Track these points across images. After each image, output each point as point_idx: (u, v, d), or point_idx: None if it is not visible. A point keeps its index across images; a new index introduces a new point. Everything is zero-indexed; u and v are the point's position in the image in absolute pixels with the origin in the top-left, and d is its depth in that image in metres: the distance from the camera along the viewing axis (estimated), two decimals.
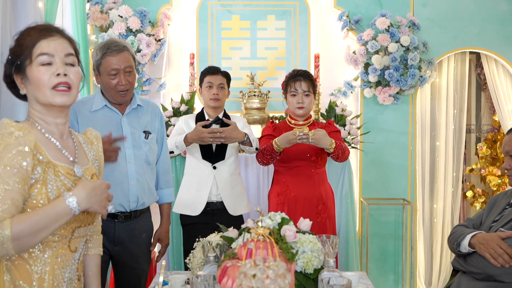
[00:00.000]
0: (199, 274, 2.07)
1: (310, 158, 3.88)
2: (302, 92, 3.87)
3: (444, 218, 5.63)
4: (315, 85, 3.96)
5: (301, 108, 3.89)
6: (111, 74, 3.10)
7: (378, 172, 5.39)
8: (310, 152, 3.87)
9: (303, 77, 3.89)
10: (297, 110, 3.91)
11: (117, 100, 3.17)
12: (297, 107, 3.89)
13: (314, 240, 2.36)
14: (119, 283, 3.35)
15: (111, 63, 3.09)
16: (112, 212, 3.14)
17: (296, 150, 3.84)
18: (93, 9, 5.09)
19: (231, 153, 4.01)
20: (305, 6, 5.44)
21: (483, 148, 6.09)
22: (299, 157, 3.88)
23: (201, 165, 3.97)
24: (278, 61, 5.48)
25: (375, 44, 5.12)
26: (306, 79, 3.88)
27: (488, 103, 6.36)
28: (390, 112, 5.41)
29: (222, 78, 4.06)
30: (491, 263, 2.71)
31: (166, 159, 3.49)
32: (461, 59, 5.68)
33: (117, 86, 3.10)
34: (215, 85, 4.01)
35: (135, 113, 3.26)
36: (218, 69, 4.11)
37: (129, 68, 3.13)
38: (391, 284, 5.44)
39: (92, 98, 3.24)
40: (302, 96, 3.87)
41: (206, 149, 3.96)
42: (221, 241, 2.49)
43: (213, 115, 4.06)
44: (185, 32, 5.48)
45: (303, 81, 3.87)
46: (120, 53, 3.10)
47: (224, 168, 3.97)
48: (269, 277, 1.52)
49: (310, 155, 3.87)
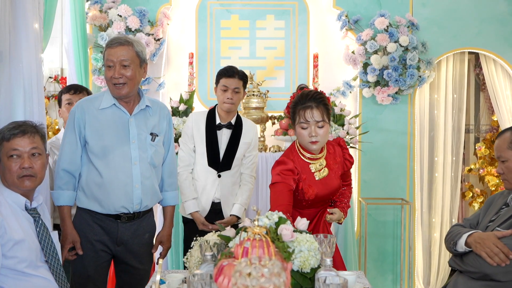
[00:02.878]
0: (196, 273, 2.07)
1: (331, 199, 3.27)
2: (315, 123, 3.00)
3: (443, 218, 5.64)
4: (330, 109, 3.09)
5: (315, 142, 3.02)
6: (108, 65, 3.09)
7: (376, 172, 5.40)
8: (335, 191, 3.19)
9: (315, 102, 3.01)
10: (310, 145, 3.04)
11: (113, 93, 3.14)
12: (310, 141, 3.02)
13: (311, 239, 2.37)
14: (121, 283, 3.36)
15: (109, 55, 3.09)
16: (115, 213, 3.15)
17: (322, 195, 3.12)
18: (93, 8, 5.10)
19: (236, 163, 3.97)
20: (304, 5, 5.45)
21: (482, 148, 6.09)
22: (322, 200, 3.17)
23: (206, 172, 3.93)
24: (277, 61, 5.48)
25: (374, 44, 5.12)
26: (319, 106, 3.01)
27: (487, 103, 6.35)
28: (388, 112, 5.41)
29: (239, 81, 3.90)
30: (488, 262, 2.72)
31: (172, 161, 3.44)
32: (460, 59, 5.69)
33: (112, 78, 3.09)
34: (230, 89, 3.87)
35: (143, 114, 3.23)
36: (235, 71, 3.95)
37: (126, 62, 3.08)
38: (389, 283, 5.45)
39: (101, 95, 3.22)
40: (315, 128, 3.00)
41: (213, 157, 3.92)
42: (218, 240, 2.50)
43: (225, 117, 3.96)
44: (184, 32, 5.48)
45: (315, 109, 2.99)
46: (120, 46, 3.09)
47: (228, 177, 3.95)
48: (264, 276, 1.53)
49: (334, 194, 3.22)
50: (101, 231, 3.16)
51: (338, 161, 3.21)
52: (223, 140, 3.94)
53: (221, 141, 3.94)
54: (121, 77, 3.08)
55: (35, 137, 2.71)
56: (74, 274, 3.22)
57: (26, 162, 2.66)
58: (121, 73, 3.07)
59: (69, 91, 3.86)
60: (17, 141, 2.66)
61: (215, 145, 3.92)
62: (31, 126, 2.73)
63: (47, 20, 3.82)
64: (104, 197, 3.11)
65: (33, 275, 2.61)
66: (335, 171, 3.17)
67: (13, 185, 2.67)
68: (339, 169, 3.21)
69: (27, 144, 2.68)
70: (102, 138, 3.12)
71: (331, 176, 3.14)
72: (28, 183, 2.68)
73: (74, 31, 4.74)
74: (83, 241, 3.15)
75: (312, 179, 3.08)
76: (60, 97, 3.89)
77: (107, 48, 3.11)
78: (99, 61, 5.08)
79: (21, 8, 2.89)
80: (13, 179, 2.65)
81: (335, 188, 3.15)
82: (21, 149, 2.66)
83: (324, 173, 3.11)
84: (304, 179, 3.06)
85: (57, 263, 2.75)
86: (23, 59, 2.90)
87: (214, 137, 3.93)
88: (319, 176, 3.10)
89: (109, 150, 3.11)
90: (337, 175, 3.18)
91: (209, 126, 3.95)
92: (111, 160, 3.12)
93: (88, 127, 3.12)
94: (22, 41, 2.90)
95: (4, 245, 2.53)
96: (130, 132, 3.16)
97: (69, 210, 3.15)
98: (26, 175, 2.66)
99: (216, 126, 3.95)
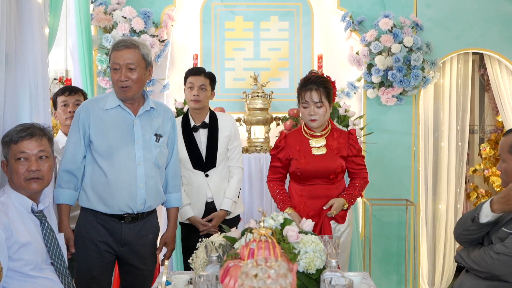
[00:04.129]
0: (201, 274, 2.08)
1: (328, 176, 3.59)
2: (313, 103, 3.51)
3: (447, 219, 5.63)
4: (330, 91, 3.58)
5: (314, 120, 3.54)
6: (114, 68, 3.11)
7: (381, 173, 5.39)
8: (330, 171, 3.58)
9: (315, 85, 3.52)
10: (310, 123, 3.57)
11: (119, 95, 3.16)
12: (309, 119, 3.55)
13: (317, 240, 2.38)
14: (125, 284, 3.37)
15: (115, 58, 3.11)
16: (119, 214, 3.16)
17: (314, 169, 3.58)
18: (97, 10, 5.11)
19: (221, 159, 4.01)
20: (308, 7, 5.45)
21: (487, 149, 6.09)
22: (317, 175, 3.58)
23: (193, 174, 3.98)
24: (281, 62, 5.49)
25: (378, 44, 5.12)
26: (318, 88, 3.50)
27: (492, 103, 6.36)
28: (393, 113, 5.41)
29: (205, 79, 4.00)
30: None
31: (176, 163, 3.47)
32: (465, 60, 5.68)
33: (118, 81, 3.11)
34: (195, 86, 3.96)
35: (148, 115, 3.25)
36: (200, 70, 4.09)
37: (132, 65, 3.10)
38: (394, 284, 5.45)
39: (106, 96, 3.25)
40: (314, 108, 3.52)
41: (197, 159, 3.97)
42: (223, 241, 2.51)
43: (197, 118, 4.02)
44: (188, 33, 5.49)
45: (314, 90, 3.50)
46: (126, 49, 3.11)
47: (216, 175, 3.99)
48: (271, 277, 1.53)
49: (330, 174, 3.59)
50: (105, 232, 3.18)
51: (341, 143, 3.62)
52: (202, 140, 4.00)
53: (200, 141, 4.00)
54: (127, 80, 3.10)
55: (43, 140, 2.73)
56: (78, 275, 3.23)
57: (33, 165, 2.67)
58: (127, 76, 3.09)
59: (63, 93, 3.89)
60: (25, 144, 2.67)
61: (195, 147, 3.98)
62: (39, 129, 2.74)
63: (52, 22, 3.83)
64: (109, 196, 3.13)
65: (39, 276, 2.62)
66: (334, 151, 3.58)
67: (20, 187, 2.68)
68: (341, 151, 3.60)
69: (35, 147, 2.69)
70: (107, 138, 3.14)
71: (328, 155, 3.57)
72: (35, 185, 2.69)
73: (79, 33, 4.75)
74: (87, 242, 3.17)
75: (309, 152, 3.58)
76: (55, 100, 3.91)
77: (113, 51, 3.13)
78: (103, 62, 5.09)
79: (27, 11, 2.90)
80: (20, 181, 2.66)
81: (330, 166, 3.55)
82: (29, 152, 2.68)
83: (322, 151, 3.58)
84: (298, 150, 3.60)
85: (62, 265, 2.76)
86: (29, 62, 2.91)
87: (192, 140, 3.99)
88: (316, 152, 3.58)
89: (114, 150, 3.14)
90: (335, 156, 3.58)
91: (185, 130, 4.01)
92: (116, 160, 3.14)
93: (93, 127, 3.14)
94: (28, 44, 2.91)
95: (10, 248, 2.54)
96: (135, 133, 3.18)
97: (67, 209, 3.17)
98: (33, 178, 2.68)
99: (192, 129, 4.01)
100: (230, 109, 5.17)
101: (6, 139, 2.69)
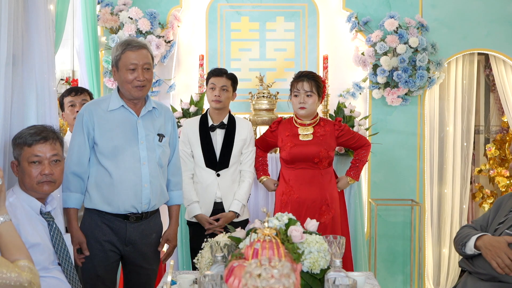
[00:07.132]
0: (206, 273, 2.10)
1: (313, 160, 3.93)
2: (304, 92, 3.90)
3: (453, 219, 5.64)
4: (320, 86, 3.97)
5: (303, 108, 3.92)
6: (130, 68, 3.13)
7: (386, 173, 5.40)
8: (314, 154, 3.93)
9: (306, 77, 3.92)
10: (299, 110, 3.95)
11: (133, 95, 3.17)
12: (299, 107, 3.93)
13: (321, 240, 2.39)
14: (129, 283, 3.39)
15: (131, 58, 3.13)
16: (124, 213, 3.18)
17: (299, 152, 3.94)
18: (104, 11, 5.13)
19: (234, 161, 4.06)
20: (314, 7, 5.46)
21: (492, 149, 6.08)
22: (303, 159, 3.94)
23: (205, 173, 4.02)
24: (287, 62, 5.50)
25: (384, 45, 5.13)
26: (309, 80, 3.91)
27: (497, 104, 6.34)
28: (398, 113, 5.41)
29: (226, 80, 4.05)
30: (497, 272, 2.72)
31: (177, 161, 3.50)
32: (470, 60, 5.68)
33: (134, 81, 3.13)
34: (217, 87, 4.01)
35: (150, 115, 3.28)
36: (222, 71, 4.12)
37: (148, 65, 3.16)
38: (399, 284, 5.45)
39: (108, 98, 3.26)
40: (304, 97, 3.90)
41: (211, 158, 4.02)
42: (228, 241, 2.52)
43: (216, 118, 4.08)
44: (194, 34, 5.51)
45: (305, 81, 3.90)
46: (140, 49, 3.15)
47: (227, 176, 4.03)
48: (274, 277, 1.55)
49: (314, 157, 3.93)
50: (109, 232, 3.20)
51: (327, 130, 4.01)
52: (218, 140, 4.06)
53: (216, 141, 4.05)
54: (145, 80, 3.15)
55: (56, 144, 2.74)
56: (83, 274, 3.25)
57: (47, 168, 2.68)
58: (144, 76, 3.14)
59: (70, 94, 3.93)
60: (39, 147, 2.68)
61: (210, 146, 4.03)
62: (52, 132, 2.76)
63: (59, 22, 3.85)
64: (114, 197, 3.16)
65: (47, 276, 2.63)
66: (319, 138, 3.96)
67: (31, 189, 2.69)
68: (327, 138, 3.99)
69: (49, 150, 2.70)
70: (112, 139, 3.16)
71: (314, 140, 3.95)
72: (47, 187, 2.71)
73: (86, 33, 4.78)
74: (92, 241, 3.19)
75: (296, 138, 3.98)
76: (62, 101, 3.95)
77: (126, 51, 3.14)
78: (110, 63, 5.11)
79: (34, 12, 2.91)
80: (33, 184, 2.67)
81: (314, 150, 3.92)
82: (42, 156, 2.69)
83: (308, 138, 3.97)
84: (287, 135, 4.01)
85: (70, 266, 2.78)
86: (35, 63, 2.92)
87: (208, 138, 4.04)
88: (302, 138, 3.97)
89: (119, 150, 3.16)
90: (320, 142, 3.96)
91: (202, 129, 4.07)
92: (120, 160, 3.16)
93: (97, 129, 3.16)
94: (34, 45, 2.92)
95: None
96: (139, 133, 3.21)
97: (75, 212, 3.19)
98: (46, 181, 2.70)
99: (209, 128, 4.07)
100: (236, 109, 5.18)
101: (19, 141, 2.69)
